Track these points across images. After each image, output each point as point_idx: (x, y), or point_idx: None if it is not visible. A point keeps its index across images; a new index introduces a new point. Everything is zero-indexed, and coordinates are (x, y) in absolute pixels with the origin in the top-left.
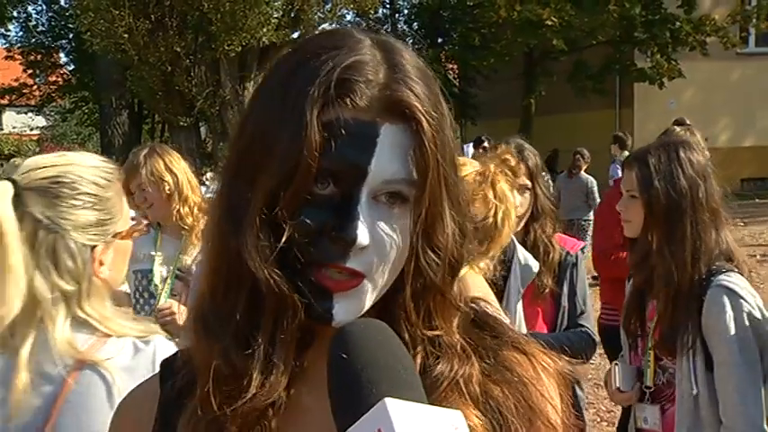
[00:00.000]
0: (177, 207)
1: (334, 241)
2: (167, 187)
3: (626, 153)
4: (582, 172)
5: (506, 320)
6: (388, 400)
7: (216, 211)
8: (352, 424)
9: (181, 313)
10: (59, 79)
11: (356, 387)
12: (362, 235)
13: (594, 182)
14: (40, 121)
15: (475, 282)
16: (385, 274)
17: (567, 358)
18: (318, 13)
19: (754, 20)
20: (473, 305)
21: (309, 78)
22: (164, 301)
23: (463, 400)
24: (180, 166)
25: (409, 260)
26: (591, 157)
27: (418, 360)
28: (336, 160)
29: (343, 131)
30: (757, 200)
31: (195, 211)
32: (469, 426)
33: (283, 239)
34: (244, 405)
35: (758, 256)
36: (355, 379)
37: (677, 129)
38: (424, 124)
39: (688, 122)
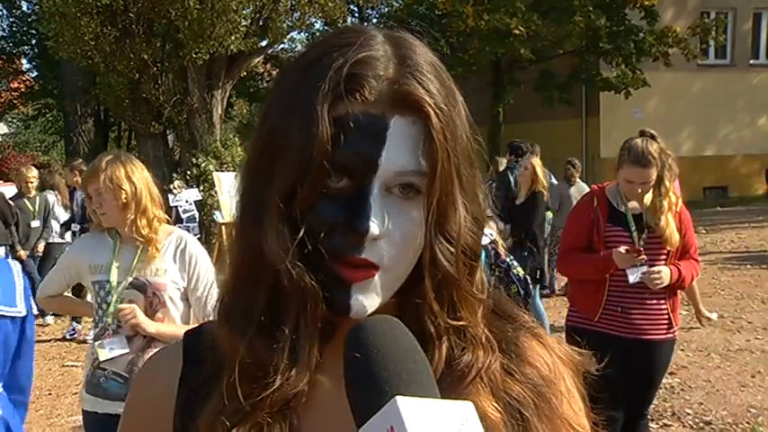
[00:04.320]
0: (132, 217)
1: (348, 233)
2: (124, 195)
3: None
4: (578, 179)
5: None
6: (399, 399)
7: (239, 208)
8: (366, 421)
9: (140, 321)
10: (22, 86)
11: (369, 385)
12: (374, 226)
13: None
14: (2, 128)
15: None
16: (400, 266)
17: (576, 349)
18: (287, 22)
19: (713, 32)
20: (493, 294)
21: (320, 75)
22: (113, 308)
23: (487, 393)
24: (142, 176)
25: (425, 251)
26: (557, 165)
27: (443, 351)
28: (348, 154)
29: (354, 125)
30: (719, 208)
31: (154, 223)
32: (491, 420)
33: (301, 233)
34: (270, 396)
35: (719, 264)
36: (368, 377)
37: (637, 140)
38: (432, 116)
39: (652, 132)
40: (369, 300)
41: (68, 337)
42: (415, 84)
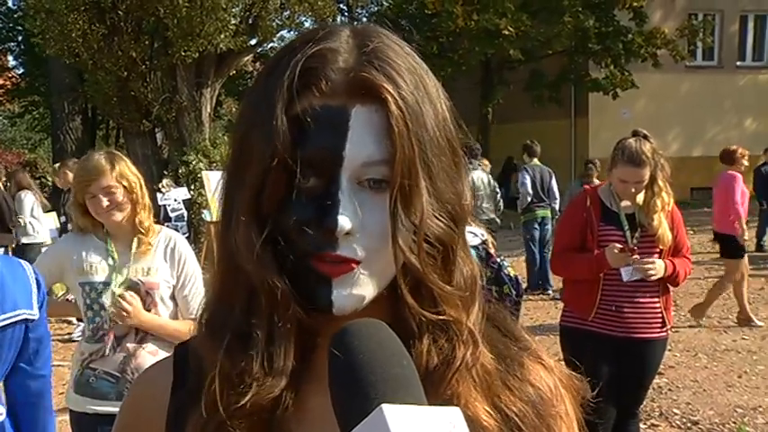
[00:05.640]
0: (139, 210)
1: (319, 230)
2: (136, 188)
3: (535, 160)
4: (595, 180)
5: None
6: (386, 407)
7: (219, 211)
8: (352, 429)
9: (135, 313)
10: (8, 83)
11: (355, 391)
12: (344, 221)
13: None
14: None
15: None
16: (382, 259)
17: (575, 374)
18: (276, 20)
19: (701, 34)
20: (498, 313)
21: (280, 73)
22: (112, 307)
23: (479, 394)
24: (136, 170)
25: (393, 242)
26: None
27: (425, 347)
28: (311, 150)
29: (314, 120)
30: (706, 209)
31: (151, 215)
32: (485, 426)
33: (265, 233)
34: (246, 404)
35: (706, 264)
36: (353, 383)
37: (630, 140)
38: (390, 102)
39: (645, 132)
40: (352, 295)
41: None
42: (373, 70)
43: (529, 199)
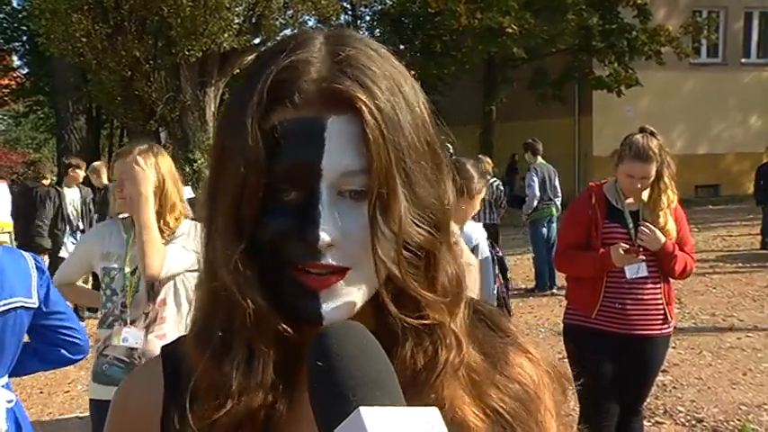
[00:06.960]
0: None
1: (300, 242)
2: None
3: (539, 158)
4: None
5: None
6: (363, 409)
7: (202, 224)
8: None
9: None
10: (12, 83)
11: (334, 394)
12: (324, 234)
13: None
14: None
15: None
16: (367, 267)
17: (560, 364)
18: (280, 19)
19: (705, 31)
20: (482, 305)
21: (252, 87)
22: (132, 297)
23: (465, 395)
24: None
25: (373, 252)
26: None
27: (407, 352)
28: (287, 163)
29: (289, 133)
30: (710, 206)
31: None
32: (473, 427)
33: (242, 246)
34: (220, 419)
35: (711, 262)
36: (332, 386)
37: (638, 135)
38: (365, 112)
39: (651, 129)
40: (341, 306)
41: None
42: (346, 80)
43: (536, 202)
